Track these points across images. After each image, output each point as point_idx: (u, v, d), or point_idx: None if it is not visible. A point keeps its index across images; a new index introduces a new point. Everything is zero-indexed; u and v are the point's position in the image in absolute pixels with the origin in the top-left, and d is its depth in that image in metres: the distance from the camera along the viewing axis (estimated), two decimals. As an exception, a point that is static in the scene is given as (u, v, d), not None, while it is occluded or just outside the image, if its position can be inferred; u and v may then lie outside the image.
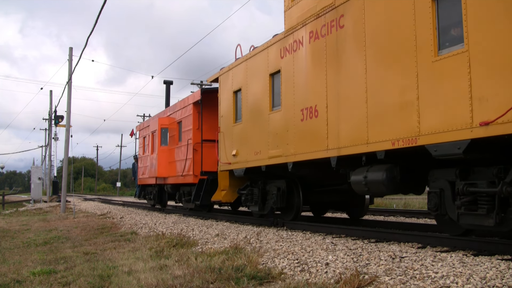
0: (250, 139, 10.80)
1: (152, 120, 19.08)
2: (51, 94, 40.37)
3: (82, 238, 10.58)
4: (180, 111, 16.17)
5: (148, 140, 19.26)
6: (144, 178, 19.93)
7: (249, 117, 10.92)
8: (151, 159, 18.21)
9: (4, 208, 29.76)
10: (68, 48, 23.79)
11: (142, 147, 20.79)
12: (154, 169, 17.48)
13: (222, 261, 6.11)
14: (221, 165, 12.29)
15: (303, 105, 8.86)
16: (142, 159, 20.51)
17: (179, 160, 15.78)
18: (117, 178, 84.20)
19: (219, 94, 12.57)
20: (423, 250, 6.18)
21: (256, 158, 10.47)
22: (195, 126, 14.76)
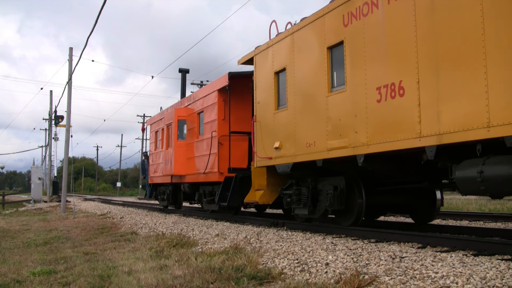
0: (300, 128, 9.06)
1: (167, 112, 17.10)
2: (51, 94, 40.41)
3: (82, 238, 10.58)
4: (202, 100, 14.23)
5: (162, 135, 17.67)
6: (157, 176, 18.38)
7: (298, 102, 9.14)
8: (166, 155, 16.51)
9: (4, 208, 29.76)
10: (68, 48, 23.79)
11: (154, 143, 19.25)
12: (170, 166, 15.62)
13: (222, 261, 6.11)
14: (258, 161, 10.49)
15: (380, 82, 7.14)
16: (154, 155, 18.95)
17: (200, 156, 14.01)
18: (117, 178, 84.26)
19: (254, 77, 10.73)
20: (423, 250, 6.18)
21: (308, 151, 8.75)
22: (221, 116, 12.85)
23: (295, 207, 9.48)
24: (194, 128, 14.82)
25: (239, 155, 12.34)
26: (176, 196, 17.33)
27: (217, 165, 12.69)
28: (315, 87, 8.64)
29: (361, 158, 7.52)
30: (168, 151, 16.16)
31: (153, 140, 19.43)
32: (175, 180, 16.18)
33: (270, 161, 10.03)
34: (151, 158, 19.50)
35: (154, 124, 19.21)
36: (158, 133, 18.29)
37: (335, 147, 8.08)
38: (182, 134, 15.53)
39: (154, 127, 19.30)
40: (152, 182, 19.26)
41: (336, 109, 8.11)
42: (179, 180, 15.86)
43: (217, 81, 13.15)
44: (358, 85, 7.61)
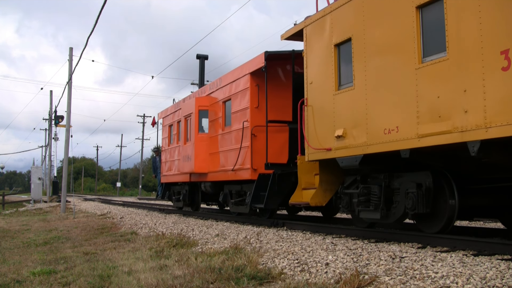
0: (374, 111, 7.28)
1: (185, 103, 15.25)
2: (51, 94, 40.43)
3: (82, 238, 10.58)
4: (228, 86, 12.40)
5: (177, 128, 16.15)
6: (171, 174, 16.82)
7: (370, 79, 7.38)
8: (183, 150, 14.64)
9: (4, 208, 29.76)
10: (68, 48, 23.80)
11: (167, 138, 17.61)
12: (189, 163, 13.84)
13: (222, 261, 6.11)
14: (311, 153, 8.72)
15: (508, 43, 5.43)
16: (168, 152, 17.42)
17: (227, 151, 12.23)
18: (117, 178, 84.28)
19: (304, 53, 9.04)
20: (423, 250, 6.19)
21: (387, 139, 6.98)
22: (254, 104, 11.06)
23: (362, 210, 7.77)
24: (218, 119, 12.98)
25: (276, 149, 10.75)
26: (193, 197, 15.64)
27: (250, 161, 10.91)
28: (396, 59, 6.91)
29: (475, 146, 5.77)
30: (187, 146, 14.33)
31: (166, 135, 17.79)
32: (194, 178, 14.43)
33: (329, 153, 8.25)
34: (164, 155, 18.01)
35: (168, 117, 17.57)
36: (173, 126, 16.81)
37: (431, 132, 6.34)
38: (204, 126, 13.79)
39: (167, 120, 17.66)
40: (165, 181, 17.77)
41: (431, 84, 6.38)
42: (198, 178, 14.14)
43: (250, 63, 11.33)
44: (468, 49, 5.85)
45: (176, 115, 16.20)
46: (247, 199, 11.22)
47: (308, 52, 9.00)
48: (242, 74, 11.64)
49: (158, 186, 18.99)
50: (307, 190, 9.03)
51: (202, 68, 18.73)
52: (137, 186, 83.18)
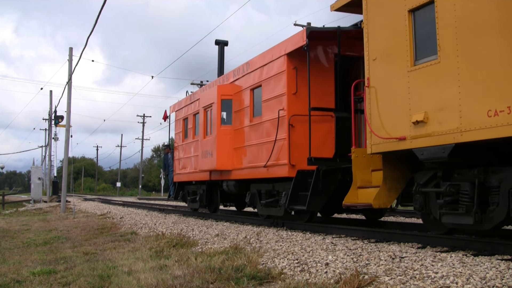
0: (470, 87, 5.79)
1: (203, 93, 13.69)
2: (51, 94, 40.42)
3: (82, 238, 10.58)
4: (258, 71, 10.80)
5: (193, 122, 14.86)
6: (186, 173, 15.39)
7: (464, 48, 5.88)
8: (202, 146, 13.19)
9: (4, 208, 29.76)
10: (68, 48, 23.80)
11: (180, 133, 16.18)
12: (210, 159, 12.34)
13: (222, 261, 6.11)
14: (375, 144, 7.23)
15: None
16: (182, 148, 15.98)
17: (257, 145, 10.74)
18: (117, 178, 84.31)
19: (364, 25, 7.64)
20: (423, 250, 6.19)
21: (494, 123, 5.48)
22: (291, 89, 9.54)
23: (445, 213, 6.47)
24: (244, 109, 11.45)
25: (319, 141, 9.28)
26: (212, 197, 14.15)
27: (287, 156, 9.42)
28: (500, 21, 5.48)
29: None
30: (207, 140, 12.82)
31: (179, 129, 16.28)
32: (214, 176, 12.93)
33: (402, 143, 6.76)
34: (177, 152, 16.50)
35: (182, 110, 16.05)
36: (188, 120, 15.38)
37: None
38: (229, 117, 12.14)
39: (181, 113, 16.18)
40: (179, 180, 16.29)
41: None
42: (219, 176, 12.65)
43: (286, 43, 9.78)
44: None
45: (192, 107, 14.78)
46: (282, 200, 9.62)
47: (370, 22, 7.53)
48: (276, 56, 10.05)
49: (170, 186, 17.40)
50: (364, 189, 7.83)
51: (221, 54, 16.66)
52: (137, 186, 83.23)
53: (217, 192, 13.91)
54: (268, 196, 10.55)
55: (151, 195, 67.25)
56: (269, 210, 10.51)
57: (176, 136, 16.87)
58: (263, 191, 10.72)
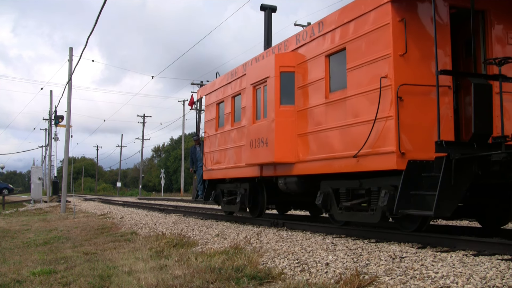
0: None
1: (252, 66, 10.91)
2: (51, 94, 40.41)
3: (82, 238, 10.59)
4: (338, 30, 8.34)
5: (233, 105, 12.21)
6: (221, 168, 12.73)
7: None
8: (250, 133, 10.53)
9: (4, 208, 29.77)
10: (68, 48, 23.80)
11: (214, 120, 13.37)
12: (263, 149, 9.86)
13: (222, 261, 6.11)
14: None
15: None
16: (215, 139, 13.22)
17: (339, 128, 8.17)
18: (117, 178, 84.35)
19: None
20: (423, 250, 6.19)
21: None
22: (398, 50, 7.11)
23: None
24: (314, 84, 8.92)
25: (434, 121, 6.69)
26: (256, 198, 11.57)
27: (395, 140, 6.98)
28: None
29: None
30: (258, 126, 10.23)
31: (211, 116, 13.53)
32: (267, 172, 10.38)
33: None
34: (208, 143, 13.78)
35: (215, 92, 13.35)
36: (225, 104, 12.66)
37: None
38: (288, 96, 9.55)
39: (214, 97, 13.39)
40: (210, 177, 13.49)
41: None
42: (272, 172, 10.18)
43: None
44: None
45: (231, 88, 12.22)
46: (380, 202, 7.22)
47: None
48: (370, 6, 7.62)
49: (198, 184, 14.49)
50: None
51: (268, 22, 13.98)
52: (137, 186, 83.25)
53: (263, 192, 11.31)
54: (350, 196, 8.14)
55: (151, 195, 67.27)
56: (355, 215, 8.03)
57: (206, 125, 13.98)
58: (343, 190, 8.22)
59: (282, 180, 9.99)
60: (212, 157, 13.42)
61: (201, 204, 27.59)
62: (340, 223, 8.76)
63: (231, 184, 12.62)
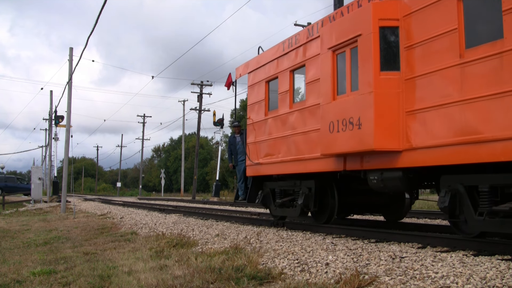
0: None
1: (330, 25, 8.35)
2: (51, 94, 40.42)
3: (82, 238, 10.59)
4: None
5: (291, 81, 9.74)
6: (275, 162, 10.02)
7: None
8: (325, 114, 8.15)
9: (4, 208, 29.76)
10: (69, 48, 23.80)
11: (262, 102, 10.78)
12: (352, 133, 7.45)
13: (222, 261, 6.11)
14: None
15: None
16: (263, 125, 10.64)
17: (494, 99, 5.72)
18: (117, 178, 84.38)
19: None
20: (423, 250, 6.19)
21: None
22: None
23: None
24: (435, 41, 6.57)
25: None
26: (323, 200, 9.34)
27: None
28: None
29: None
30: (342, 102, 7.81)
31: (260, 96, 10.88)
32: (352, 164, 7.96)
33: None
34: (254, 131, 11.07)
35: (267, 66, 10.68)
36: (279, 80, 10.07)
37: None
38: (392, 59, 7.25)
39: (264, 72, 10.76)
40: (258, 173, 10.84)
41: None
42: (360, 164, 7.78)
43: None
44: None
45: (291, 59, 9.71)
46: None
47: None
48: None
49: (239, 182, 11.91)
50: None
51: None
52: (137, 186, 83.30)
53: (333, 192, 9.07)
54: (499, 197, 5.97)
55: (151, 195, 67.30)
56: None
57: (250, 109, 11.36)
58: (484, 188, 5.98)
59: (376, 175, 7.50)
60: (259, 148, 10.79)
61: (201, 204, 27.60)
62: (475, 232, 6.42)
63: (286, 182, 10.13)
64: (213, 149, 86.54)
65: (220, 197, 37.05)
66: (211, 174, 75.04)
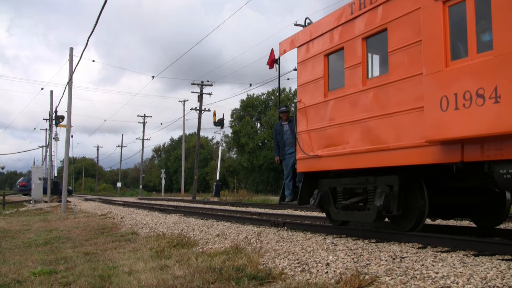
0: None
1: None
2: (51, 94, 40.36)
3: (83, 238, 10.59)
4: None
5: (364, 51, 7.83)
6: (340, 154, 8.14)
7: None
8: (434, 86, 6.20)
9: (4, 208, 29.78)
10: (69, 48, 23.79)
11: (320, 80, 8.78)
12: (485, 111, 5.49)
13: (222, 261, 6.11)
14: None
15: None
16: (325, 108, 8.61)
17: None
18: (117, 178, 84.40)
19: None
20: (423, 250, 6.19)
21: None
22: None
23: None
24: None
25: None
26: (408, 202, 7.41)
27: None
28: None
29: None
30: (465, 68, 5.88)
31: (317, 74, 8.89)
32: (471, 153, 6.07)
33: None
34: (306, 118, 9.17)
35: (326, 36, 8.73)
36: (348, 51, 8.10)
37: None
38: None
39: (323, 43, 8.79)
40: (315, 168, 8.85)
41: None
42: (484, 153, 5.96)
43: None
44: None
45: (363, 23, 7.85)
46: None
47: None
48: None
49: (286, 180, 10.00)
50: None
51: None
52: (137, 186, 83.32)
53: (421, 191, 7.25)
54: None
55: (151, 195, 67.31)
56: None
57: (302, 91, 9.37)
58: None
59: None
60: (315, 137, 8.88)
61: (201, 204, 27.59)
62: None
63: (354, 178, 8.19)
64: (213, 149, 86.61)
65: (221, 197, 37.06)
66: (212, 174, 75.12)
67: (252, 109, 71.53)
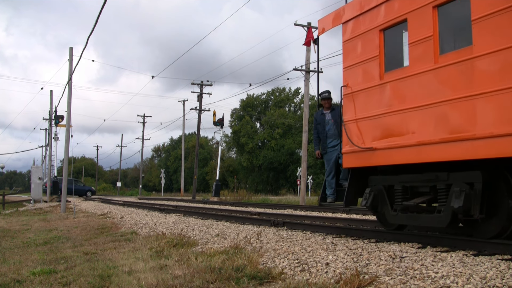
0: None
1: None
2: (51, 94, 40.37)
3: (82, 238, 10.59)
4: None
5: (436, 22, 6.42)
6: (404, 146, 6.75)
7: None
8: None
9: (4, 208, 29.77)
10: (69, 48, 23.79)
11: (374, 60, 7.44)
12: None
13: (222, 261, 6.11)
14: None
15: None
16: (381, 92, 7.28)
17: None
18: (117, 178, 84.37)
19: None
20: (423, 250, 6.19)
21: None
22: None
23: None
24: None
25: None
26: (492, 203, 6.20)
27: None
28: None
29: None
30: None
31: (371, 52, 7.59)
32: None
33: None
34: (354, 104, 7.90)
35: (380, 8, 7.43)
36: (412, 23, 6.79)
37: None
38: None
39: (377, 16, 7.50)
40: (368, 163, 7.59)
41: None
42: None
43: None
44: None
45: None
46: None
47: None
48: None
49: (327, 177, 8.97)
50: None
51: None
52: (137, 186, 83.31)
53: (510, 190, 6.01)
54: None
55: (151, 195, 67.32)
56: None
57: (349, 73, 8.08)
58: None
59: None
60: (368, 127, 7.59)
61: (201, 204, 27.59)
62: None
63: (417, 175, 6.91)
64: (213, 149, 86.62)
65: (220, 197, 37.06)
66: (211, 174, 75.10)
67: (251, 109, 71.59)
